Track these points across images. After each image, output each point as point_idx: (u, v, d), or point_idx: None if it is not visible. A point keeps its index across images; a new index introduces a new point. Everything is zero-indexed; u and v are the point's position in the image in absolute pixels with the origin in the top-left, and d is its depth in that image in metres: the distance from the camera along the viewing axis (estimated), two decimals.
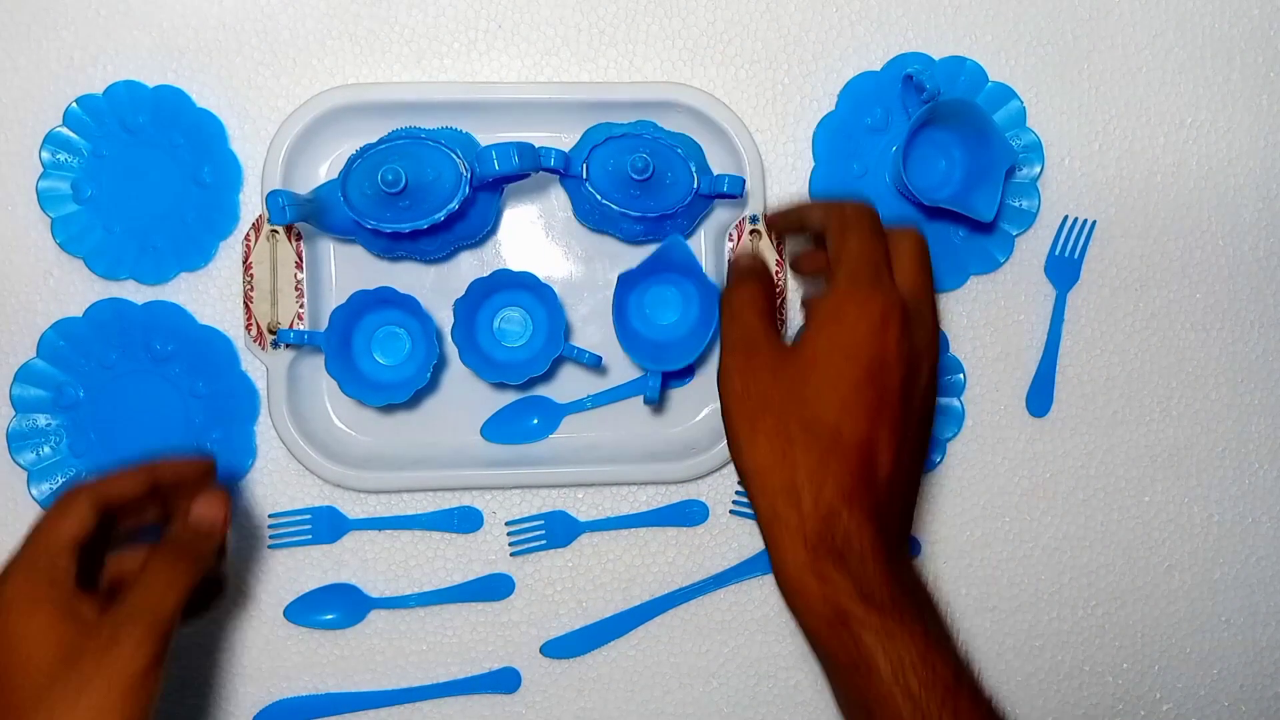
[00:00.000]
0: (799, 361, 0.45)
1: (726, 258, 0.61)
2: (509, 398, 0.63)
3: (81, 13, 0.61)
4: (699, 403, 0.64)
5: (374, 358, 0.61)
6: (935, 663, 0.41)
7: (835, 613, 0.41)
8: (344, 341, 0.59)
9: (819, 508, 0.43)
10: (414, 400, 0.61)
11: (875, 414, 0.44)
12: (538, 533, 0.63)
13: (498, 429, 0.63)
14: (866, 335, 0.45)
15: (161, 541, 0.48)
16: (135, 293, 0.61)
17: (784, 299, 0.62)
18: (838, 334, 0.45)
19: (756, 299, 0.49)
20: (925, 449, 0.49)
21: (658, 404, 0.62)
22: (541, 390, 0.63)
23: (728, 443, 0.47)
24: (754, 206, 0.61)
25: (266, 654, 0.62)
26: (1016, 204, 0.64)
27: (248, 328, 0.60)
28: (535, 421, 0.63)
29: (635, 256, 0.61)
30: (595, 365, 0.60)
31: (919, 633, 0.41)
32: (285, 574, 0.62)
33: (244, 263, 0.59)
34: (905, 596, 0.42)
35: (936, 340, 0.48)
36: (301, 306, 0.60)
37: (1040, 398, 0.65)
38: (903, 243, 0.49)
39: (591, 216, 0.60)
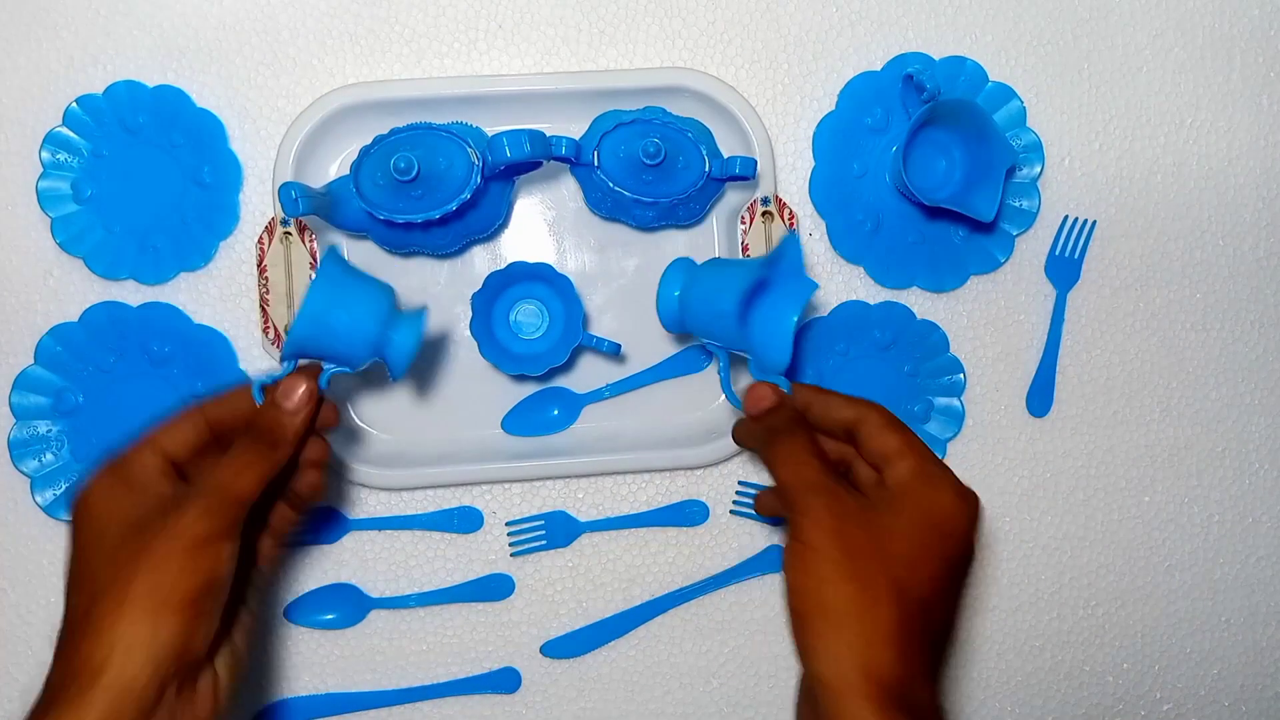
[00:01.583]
0: (888, 520, 0.44)
1: (740, 241, 0.61)
2: (527, 391, 0.63)
3: (81, 13, 0.61)
4: (718, 386, 0.64)
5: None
6: None
7: None
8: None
9: (899, 667, 0.41)
10: (434, 395, 0.61)
11: (955, 599, 0.45)
12: (538, 533, 0.63)
13: (518, 421, 0.63)
14: (964, 522, 0.45)
15: (247, 426, 0.47)
16: (134, 293, 0.61)
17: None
18: (934, 509, 0.44)
19: (804, 450, 0.46)
20: None
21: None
22: (560, 381, 0.63)
23: (798, 575, 0.43)
24: (765, 188, 0.61)
25: (266, 654, 0.62)
26: (1016, 204, 0.64)
27: (264, 330, 0.60)
28: (555, 413, 0.63)
29: (647, 243, 0.62)
30: (615, 353, 0.60)
31: None
32: (285, 574, 0.62)
33: (258, 266, 0.59)
34: None
35: None
36: None
37: (1040, 398, 0.65)
38: None
39: (603, 205, 0.60)
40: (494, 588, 0.63)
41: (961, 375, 0.64)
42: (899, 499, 0.45)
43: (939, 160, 0.63)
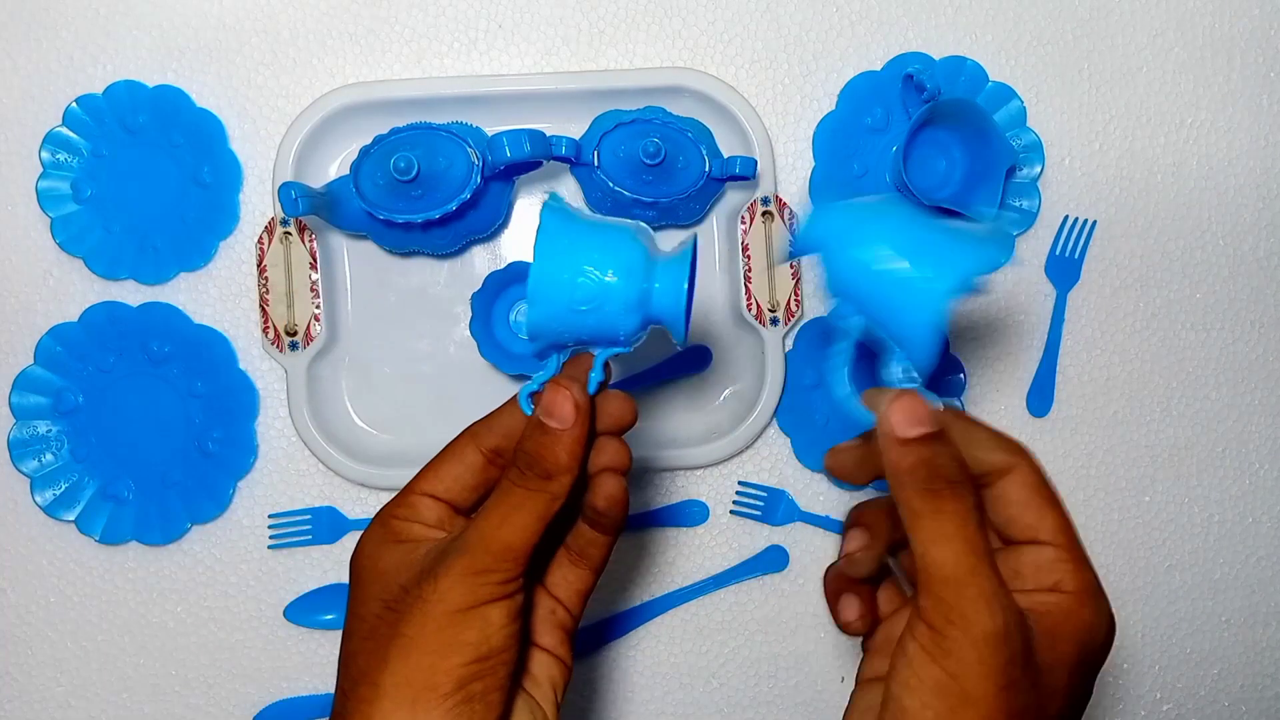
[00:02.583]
0: (1048, 659, 0.34)
1: (740, 241, 0.61)
2: None
3: (81, 13, 0.61)
4: (719, 386, 0.64)
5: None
6: None
7: None
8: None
9: None
10: (434, 395, 0.61)
11: None
12: None
13: None
14: (1107, 653, 0.36)
15: (511, 458, 0.39)
16: (134, 293, 0.61)
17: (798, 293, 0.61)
18: (1092, 643, 0.35)
19: (977, 527, 0.34)
20: None
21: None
22: None
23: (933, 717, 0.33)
24: (765, 188, 0.61)
25: (266, 654, 0.62)
26: (1017, 204, 0.64)
27: (264, 330, 0.60)
28: None
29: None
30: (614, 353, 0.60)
31: None
32: (285, 574, 0.62)
33: (258, 266, 0.59)
34: None
35: None
36: (318, 307, 0.60)
37: (1040, 398, 0.65)
38: None
39: (603, 205, 0.60)
40: None
41: (961, 375, 0.64)
42: (1057, 624, 0.34)
43: (939, 160, 0.63)
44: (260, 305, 0.59)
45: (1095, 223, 0.65)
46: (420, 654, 0.35)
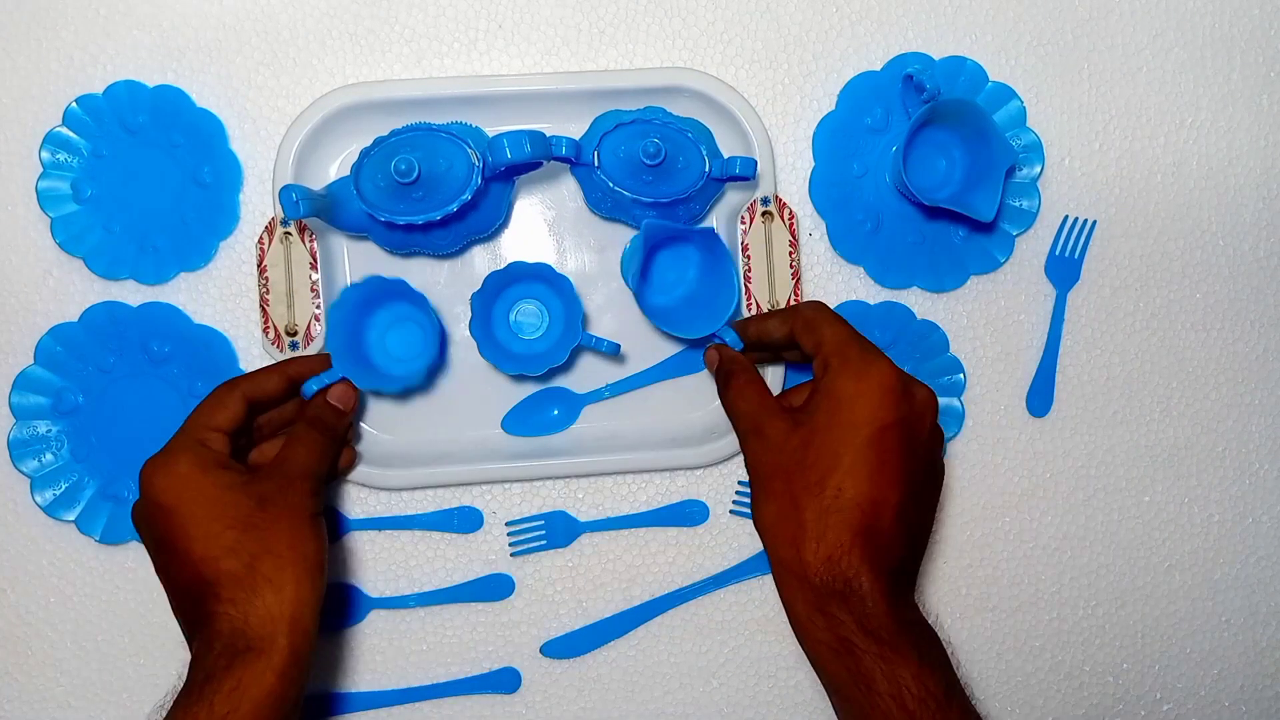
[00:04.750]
0: (801, 433, 0.49)
1: (740, 241, 0.61)
2: (527, 391, 0.63)
3: (81, 13, 0.61)
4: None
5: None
6: (928, 681, 0.45)
7: (840, 643, 0.46)
8: (355, 335, 0.59)
9: (820, 554, 0.47)
10: (434, 395, 0.61)
11: (876, 474, 0.48)
12: (538, 533, 0.63)
13: (518, 422, 0.63)
14: (867, 407, 0.48)
15: (302, 417, 0.55)
16: (134, 293, 0.61)
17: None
18: (837, 409, 0.49)
19: (745, 390, 0.54)
20: (934, 495, 0.52)
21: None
22: (560, 381, 0.63)
23: (751, 508, 0.51)
24: (765, 188, 0.61)
25: None
26: (1016, 204, 0.64)
27: (264, 331, 0.60)
28: (555, 413, 0.63)
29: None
30: (614, 353, 0.60)
31: (913, 658, 0.45)
32: None
33: (259, 266, 0.59)
34: (904, 629, 0.46)
35: (933, 396, 0.51)
36: (318, 307, 0.60)
37: (1040, 398, 0.65)
38: None
39: (604, 205, 0.60)
40: (494, 588, 0.63)
41: (961, 375, 0.64)
42: (812, 405, 0.50)
43: (939, 160, 0.63)
44: (260, 305, 0.59)
45: (1095, 223, 0.65)
46: (305, 541, 0.50)
